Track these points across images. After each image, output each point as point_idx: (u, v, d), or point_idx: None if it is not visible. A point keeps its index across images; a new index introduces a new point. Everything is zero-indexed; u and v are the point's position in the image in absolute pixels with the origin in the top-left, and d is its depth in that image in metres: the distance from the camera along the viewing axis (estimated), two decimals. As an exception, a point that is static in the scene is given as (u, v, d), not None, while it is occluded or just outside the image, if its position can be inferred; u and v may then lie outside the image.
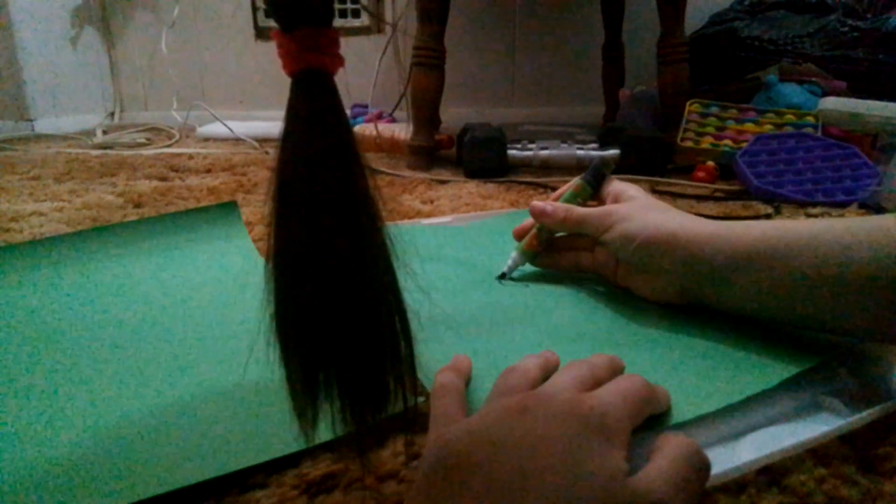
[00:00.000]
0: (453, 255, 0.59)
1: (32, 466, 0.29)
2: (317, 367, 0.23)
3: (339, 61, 0.23)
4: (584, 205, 0.50)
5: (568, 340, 0.40)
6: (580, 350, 0.38)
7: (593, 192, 0.50)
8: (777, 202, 0.84)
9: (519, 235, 0.52)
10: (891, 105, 0.93)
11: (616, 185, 0.49)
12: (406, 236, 0.25)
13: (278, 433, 0.31)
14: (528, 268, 0.53)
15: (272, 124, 1.60)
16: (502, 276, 0.51)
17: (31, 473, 0.28)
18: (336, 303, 0.22)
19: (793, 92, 1.12)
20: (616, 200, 0.47)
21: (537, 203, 0.50)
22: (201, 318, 0.46)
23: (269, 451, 0.29)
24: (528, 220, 0.52)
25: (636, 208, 0.44)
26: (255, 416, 0.33)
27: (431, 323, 0.28)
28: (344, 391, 0.23)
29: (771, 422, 0.31)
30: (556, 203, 0.50)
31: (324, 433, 0.30)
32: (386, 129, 1.36)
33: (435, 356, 0.35)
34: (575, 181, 0.51)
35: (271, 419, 0.32)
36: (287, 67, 0.22)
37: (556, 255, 0.51)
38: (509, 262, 0.51)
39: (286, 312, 0.23)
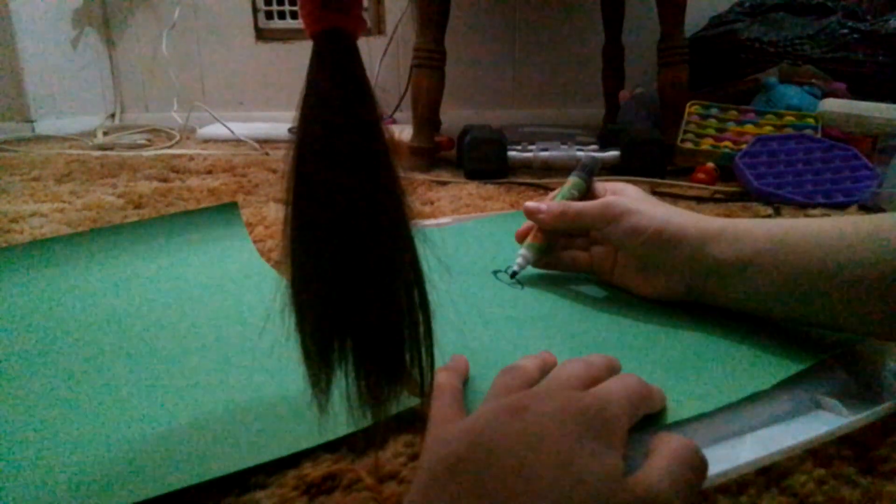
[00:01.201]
0: (452, 256, 0.59)
1: (33, 468, 0.29)
2: (332, 333, 0.22)
3: (362, 23, 0.23)
4: (579, 200, 0.50)
5: (565, 340, 0.40)
6: (577, 350, 0.38)
7: (587, 187, 0.50)
8: (777, 204, 0.84)
9: (521, 238, 0.51)
10: (891, 107, 0.93)
11: (608, 184, 0.49)
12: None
13: (279, 433, 0.31)
14: (525, 270, 0.52)
15: (273, 126, 1.60)
16: (513, 275, 0.50)
17: (32, 475, 0.28)
18: (353, 267, 0.22)
19: (793, 93, 1.12)
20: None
21: (530, 203, 0.49)
22: (201, 319, 0.46)
23: (270, 452, 0.29)
24: (529, 222, 0.52)
25: (638, 202, 0.44)
26: (256, 417, 0.33)
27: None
28: (359, 358, 0.23)
29: (771, 422, 0.31)
30: (551, 202, 0.49)
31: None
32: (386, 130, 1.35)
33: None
34: (568, 179, 0.51)
35: (272, 419, 0.32)
36: (309, 28, 0.22)
37: (552, 256, 0.51)
38: (519, 259, 0.50)
39: (303, 277, 0.22)
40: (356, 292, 0.22)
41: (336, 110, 0.22)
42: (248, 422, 0.32)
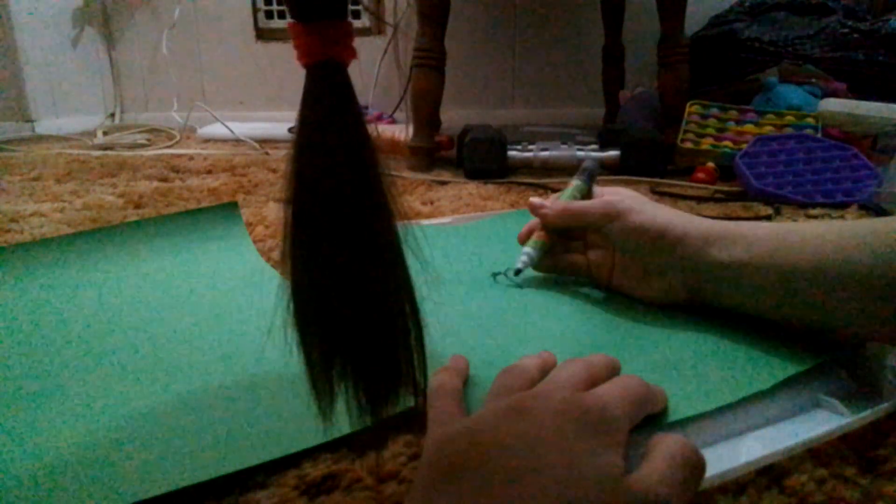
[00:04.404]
0: (452, 256, 0.59)
1: (32, 467, 0.29)
2: (334, 349, 0.23)
3: (353, 53, 0.23)
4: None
5: (565, 341, 0.40)
6: (577, 350, 0.38)
7: (588, 190, 0.51)
8: (777, 203, 0.84)
9: (523, 239, 0.51)
10: (891, 106, 0.93)
11: (605, 188, 0.50)
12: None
13: (278, 433, 0.31)
14: (526, 270, 0.52)
15: (272, 125, 1.60)
16: (517, 272, 0.50)
17: (31, 474, 0.29)
18: (352, 290, 0.23)
19: (793, 93, 1.12)
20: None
21: (535, 199, 0.50)
22: (201, 318, 0.46)
23: (270, 451, 0.29)
24: (531, 222, 0.51)
25: (639, 202, 0.44)
26: (256, 417, 0.33)
27: (429, 323, 0.28)
28: (358, 374, 0.23)
29: (771, 422, 0.31)
30: (554, 200, 0.50)
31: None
32: (386, 130, 1.36)
33: (432, 357, 0.35)
34: (570, 182, 0.52)
35: (271, 419, 0.32)
36: (303, 58, 0.22)
37: (552, 258, 0.51)
38: (523, 257, 0.49)
39: (304, 300, 0.23)
40: (355, 313, 0.23)
41: (331, 137, 0.23)
42: (248, 422, 0.32)
